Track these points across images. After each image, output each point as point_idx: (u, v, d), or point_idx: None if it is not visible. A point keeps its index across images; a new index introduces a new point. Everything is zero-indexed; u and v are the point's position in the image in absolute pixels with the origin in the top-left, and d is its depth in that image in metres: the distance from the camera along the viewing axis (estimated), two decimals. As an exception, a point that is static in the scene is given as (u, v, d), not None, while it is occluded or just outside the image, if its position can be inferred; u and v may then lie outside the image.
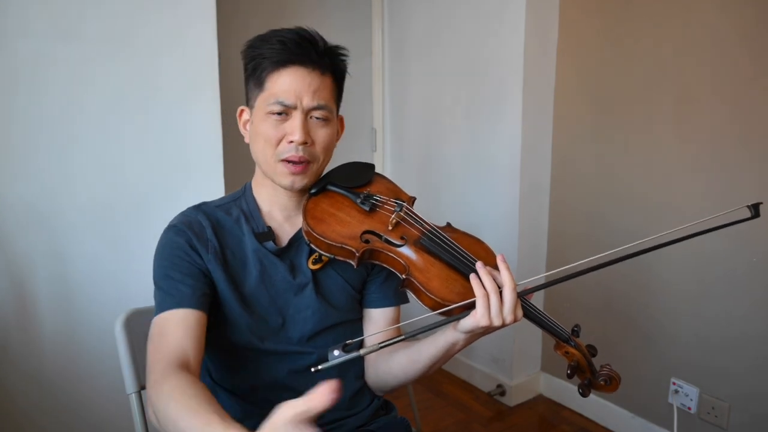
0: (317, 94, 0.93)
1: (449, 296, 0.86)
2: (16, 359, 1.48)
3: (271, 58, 0.93)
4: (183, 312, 0.89)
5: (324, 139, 0.96)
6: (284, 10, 2.44)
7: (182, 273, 0.92)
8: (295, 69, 0.92)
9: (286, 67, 0.92)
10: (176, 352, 0.84)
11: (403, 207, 0.97)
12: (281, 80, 0.92)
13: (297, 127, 0.92)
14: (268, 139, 0.94)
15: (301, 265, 1.00)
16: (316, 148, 0.96)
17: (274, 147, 0.94)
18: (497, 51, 2.17)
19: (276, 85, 0.93)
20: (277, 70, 0.93)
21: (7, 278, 1.45)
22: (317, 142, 0.95)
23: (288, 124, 0.93)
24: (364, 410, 1.05)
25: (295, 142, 0.92)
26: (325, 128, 0.96)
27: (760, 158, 1.63)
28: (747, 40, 1.63)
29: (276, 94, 0.92)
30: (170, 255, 0.93)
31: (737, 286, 1.72)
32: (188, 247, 0.94)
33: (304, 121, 0.93)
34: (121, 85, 1.54)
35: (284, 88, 0.92)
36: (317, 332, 0.99)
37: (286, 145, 0.93)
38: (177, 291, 0.90)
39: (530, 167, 2.18)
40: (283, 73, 0.92)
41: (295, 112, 0.93)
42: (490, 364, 2.38)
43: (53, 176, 1.48)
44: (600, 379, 0.93)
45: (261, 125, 0.94)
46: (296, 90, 0.92)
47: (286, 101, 0.92)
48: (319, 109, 0.94)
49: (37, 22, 1.42)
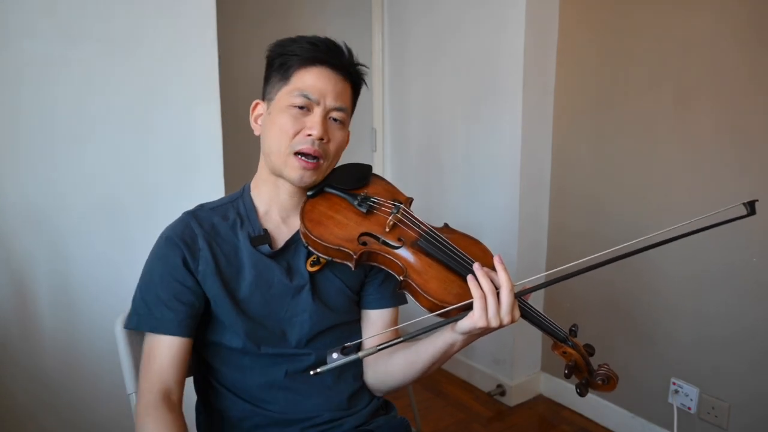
0: (340, 96, 0.97)
1: (447, 298, 0.86)
2: (16, 358, 1.49)
3: (301, 55, 0.96)
4: (169, 340, 0.93)
5: (339, 140, 0.99)
6: (285, 14, 2.44)
7: (170, 294, 0.94)
8: (323, 68, 0.96)
9: (315, 65, 0.96)
10: (160, 383, 0.91)
11: (400, 209, 0.97)
12: (308, 76, 0.96)
13: (317, 123, 0.95)
14: (284, 129, 0.95)
15: (298, 267, 1.00)
16: (330, 146, 0.98)
17: (290, 138, 0.95)
18: (497, 51, 2.17)
19: (302, 80, 0.96)
20: (305, 66, 0.96)
21: (8, 277, 1.45)
22: (333, 141, 0.98)
23: (309, 119, 0.96)
24: (362, 410, 1.05)
25: (314, 136, 0.94)
26: (340, 131, 1.00)
27: (759, 156, 1.63)
28: (745, 39, 1.63)
29: (301, 88, 0.95)
30: (161, 273, 0.95)
31: (737, 285, 1.72)
32: (180, 264, 0.94)
33: (324, 118, 0.96)
34: (123, 87, 1.55)
35: (310, 84, 0.95)
36: (315, 334, 1.00)
37: (304, 137, 0.95)
38: (161, 314, 0.93)
39: (530, 166, 2.18)
40: (312, 70, 0.96)
41: (317, 108, 0.96)
42: (490, 364, 2.39)
43: (55, 176, 1.49)
44: (598, 379, 0.93)
45: (279, 116, 0.96)
46: (322, 87, 0.95)
47: (311, 95, 0.95)
48: (339, 111, 0.98)
49: (41, 24, 1.42)
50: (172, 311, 0.92)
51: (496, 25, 2.16)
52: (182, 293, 0.94)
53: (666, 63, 1.82)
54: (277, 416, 0.98)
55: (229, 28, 2.15)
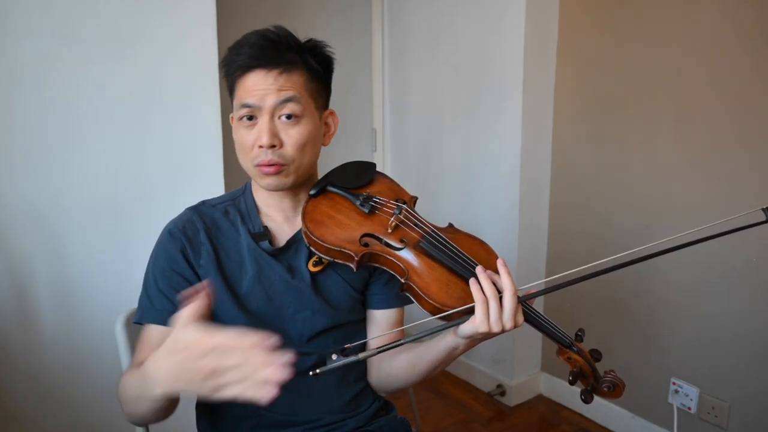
0: (282, 91, 0.91)
1: (448, 301, 0.85)
2: (16, 359, 1.48)
3: (236, 64, 0.93)
4: (163, 330, 0.92)
5: (296, 139, 0.93)
6: (284, 11, 2.43)
7: (170, 286, 0.94)
8: (257, 71, 0.92)
9: (251, 71, 0.92)
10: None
11: (403, 209, 0.96)
12: (246, 84, 0.92)
13: (263, 131, 0.91)
14: (242, 146, 0.94)
15: (300, 266, 0.99)
16: (286, 149, 0.93)
17: (249, 153, 0.94)
18: (497, 51, 2.17)
19: (242, 89, 0.93)
20: (242, 75, 0.93)
21: (8, 278, 1.45)
22: (287, 143, 0.93)
23: (256, 129, 0.92)
24: (364, 411, 1.04)
25: (264, 146, 0.91)
26: (296, 127, 0.93)
27: (760, 158, 1.63)
28: (747, 39, 1.63)
29: (242, 97, 0.92)
30: (162, 265, 0.95)
31: (737, 286, 1.72)
32: (181, 257, 0.95)
33: (269, 123, 0.92)
34: (122, 86, 1.54)
35: (248, 91, 0.92)
36: (317, 333, 0.99)
37: (257, 150, 0.92)
38: (161, 305, 0.93)
39: (530, 167, 2.18)
40: (249, 76, 0.92)
41: (261, 115, 0.92)
42: (490, 364, 2.39)
43: (54, 176, 1.48)
44: (603, 386, 0.91)
45: (236, 133, 0.96)
46: (259, 90, 0.91)
47: (250, 102, 0.91)
48: (288, 103, 0.91)
49: (38, 24, 1.41)
50: (171, 303, 0.93)
51: (496, 25, 2.16)
52: (181, 285, 0.94)
53: (667, 63, 1.82)
54: (278, 417, 0.98)
55: (228, 27, 2.14)
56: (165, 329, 0.92)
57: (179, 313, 0.68)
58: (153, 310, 0.94)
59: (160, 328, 0.92)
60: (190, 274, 0.95)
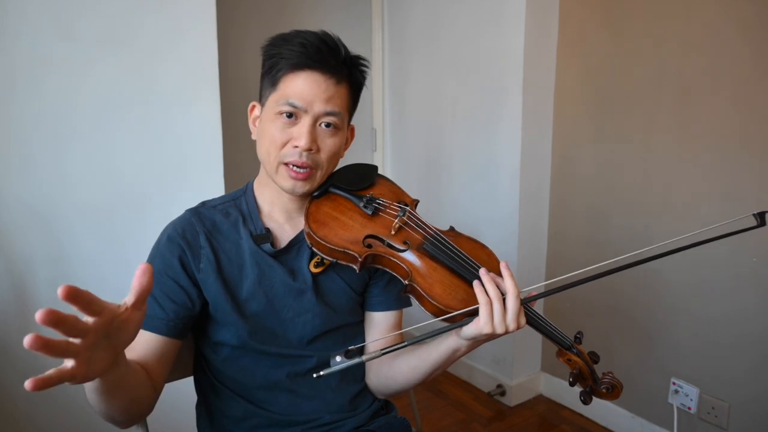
0: (330, 101, 0.92)
1: (452, 303, 0.85)
2: (16, 360, 1.48)
3: (289, 59, 0.91)
4: (151, 336, 0.90)
5: (330, 148, 0.94)
6: (284, 10, 2.43)
7: (162, 291, 0.92)
8: (311, 73, 0.91)
9: (303, 70, 0.91)
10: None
11: (406, 211, 0.96)
12: (296, 82, 0.91)
13: (304, 133, 0.91)
14: (273, 140, 0.92)
15: (301, 268, 0.99)
16: (321, 155, 0.94)
17: (279, 149, 0.92)
18: (497, 51, 2.17)
19: (290, 86, 0.91)
20: (293, 72, 0.91)
21: (7, 279, 1.45)
22: (323, 150, 0.94)
23: (296, 129, 0.92)
24: (364, 411, 1.05)
25: (300, 147, 0.91)
26: (333, 137, 0.94)
27: (761, 158, 1.63)
28: (748, 38, 1.63)
29: (288, 95, 0.91)
30: (158, 268, 0.93)
31: (737, 285, 1.72)
32: (177, 263, 0.93)
33: (312, 127, 0.92)
34: (120, 85, 1.54)
35: (297, 91, 0.90)
36: (317, 335, 0.99)
37: (291, 149, 0.92)
38: (153, 312, 0.91)
39: (530, 167, 2.18)
40: (300, 75, 0.91)
41: (305, 116, 0.91)
42: (491, 364, 2.39)
43: (52, 177, 1.48)
44: (602, 387, 0.93)
45: (269, 125, 0.93)
46: (309, 94, 0.90)
47: (297, 103, 0.90)
48: (330, 116, 0.92)
49: (36, 22, 1.41)
50: (162, 309, 0.91)
51: (496, 25, 2.16)
52: (175, 292, 0.92)
53: (667, 63, 1.82)
54: (278, 417, 0.98)
55: (228, 25, 2.14)
56: (151, 335, 0.90)
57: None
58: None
59: (146, 334, 0.90)
60: (185, 281, 0.93)
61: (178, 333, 0.93)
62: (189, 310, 0.93)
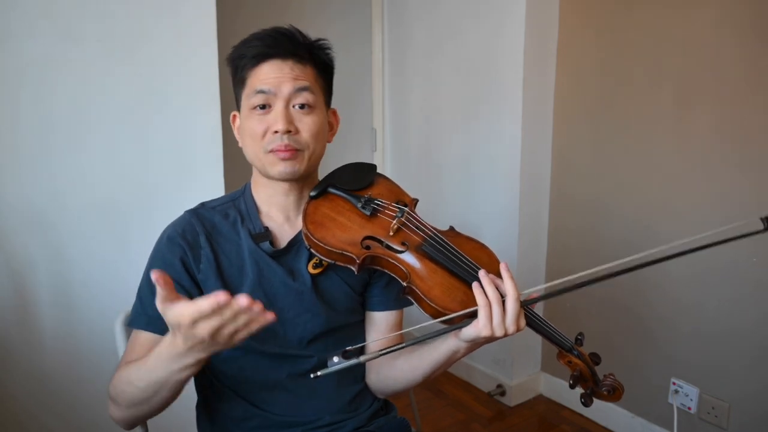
0: (298, 79, 0.93)
1: (450, 305, 0.85)
2: (16, 359, 1.48)
3: (249, 55, 0.94)
4: (152, 337, 0.91)
5: (310, 126, 0.95)
6: (285, 13, 2.43)
7: None
8: (273, 61, 0.93)
9: (266, 60, 0.93)
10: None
11: (405, 212, 0.95)
12: (261, 72, 0.93)
13: (279, 116, 0.92)
14: (253, 134, 0.94)
15: (300, 268, 0.99)
16: (302, 135, 0.95)
17: (260, 140, 0.94)
18: (497, 51, 2.17)
19: (256, 78, 0.93)
20: (256, 64, 0.94)
21: (8, 278, 1.45)
22: (303, 131, 0.94)
23: (271, 116, 0.93)
24: (364, 412, 1.05)
25: (279, 131, 0.92)
26: (309, 116, 0.95)
27: (760, 158, 1.63)
28: (746, 40, 1.63)
29: (255, 84, 0.93)
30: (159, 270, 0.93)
31: (738, 286, 1.72)
32: (179, 264, 0.93)
33: (285, 110, 0.93)
34: (123, 87, 1.54)
35: (263, 78, 0.93)
36: (317, 336, 0.99)
37: (271, 136, 0.93)
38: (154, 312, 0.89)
39: (530, 167, 2.18)
40: (263, 66, 0.93)
41: (276, 101, 0.93)
42: (490, 364, 2.39)
43: (54, 177, 1.48)
44: (603, 389, 0.92)
45: (246, 123, 0.95)
46: (275, 78, 0.92)
47: (265, 88, 0.92)
48: (301, 92, 0.93)
49: (40, 25, 1.41)
50: None
51: (496, 25, 2.16)
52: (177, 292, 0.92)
53: (666, 63, 1.81)
54: (278, 418, 0.98)
55: (229, 28, 2.13)
56: (156, 337, 0.90)
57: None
58: (144, 316, 0.93)
59: (151, 335, 0.91)
60: (187, 282, 0.93)
61: None
62: None
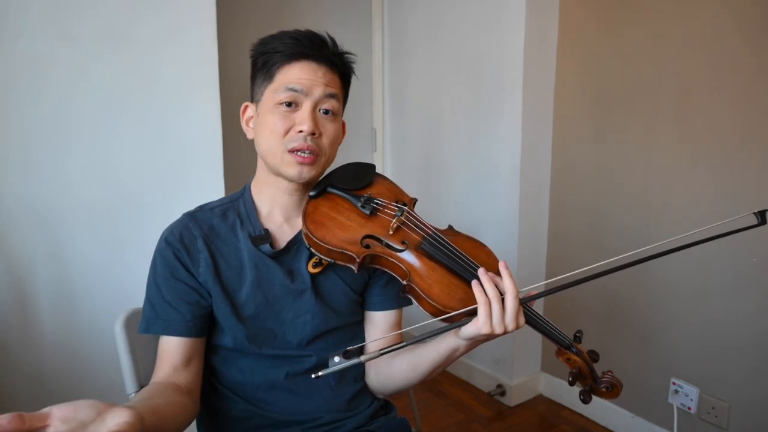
0: (329, 85, 0.95)
1: (450, 303, 0.85)
2: (16, 359, 1.48)
3: (283, 52, 0.94)
4: (178, 341, 0.93)
5: (331, 133, 0.96)
6: (284, 10, 2.43)
7: (175, 295, 0.94)
8: (307, 62, 0.94)
9: (299, 60, 0.94)
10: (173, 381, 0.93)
11: (404, 211, 0.96)
12: (293, 71, 0.93)
13: (306, 118, 0.92)
14: (275, 129, 0.93)
15: (300, 268, 0.99)
16: (323, 140, 0.95)
17: (281, 137, 0.93)
18: (497, 51, 2.17)
19: (287, 75, 0.93)
20: (288, 62, 0.94)
21: (7, 279, 1.45)
22: (325, 135, 0.95)
23: (297, 115, 0.93)
24: (363, 411, 1.04)
25: (305, 131, 0.92)
26: (332, 123, 0.97)
27: (762, 157, 1.63)
28: (749, 38, 1.62)
29: (286, 82, 0.93)
30: (165, 274, 0.94)
31: (737, 286, 1.72)
32: (180, 266, 0.94)
33: (313, 111, 0.94)
34: (120, 85, 1.54)
35: (295, 77, 0.93)
36: (316, 336, 0.99)
37: (295, 134, 0.93)
38: (167, 315, 0.93)
39: (530, 167, 2.18)
40: (295, 65, 0.94)
41: (305, 102, 0.93)
42: (490, 364, 2.39)
43: (52, 177, 1.48)
44: (602, 386, 0.92)
45: (268, 116, 0.94)
46: (308, 79, 0.93)
47: (297, 87, 0.92)
48: (330, 99, 0.95)
49: (35, 22, 1.41)
50: (179, 312, 0.93)
51: (496, 24, 2.16)
52: (186, 293, 0.94)
53: (667, 64, 1.81)
54: (277, 417, 0.98)
55: (228, 24, 2.14)
56: (178, 339, 0.92)
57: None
58: (159, 321, 0.94)
59: (173, 339, 0.93)
60: (192, 281, 0.94)
61: (199, 331, 0.95)
62: (204, 307, 0.95)
